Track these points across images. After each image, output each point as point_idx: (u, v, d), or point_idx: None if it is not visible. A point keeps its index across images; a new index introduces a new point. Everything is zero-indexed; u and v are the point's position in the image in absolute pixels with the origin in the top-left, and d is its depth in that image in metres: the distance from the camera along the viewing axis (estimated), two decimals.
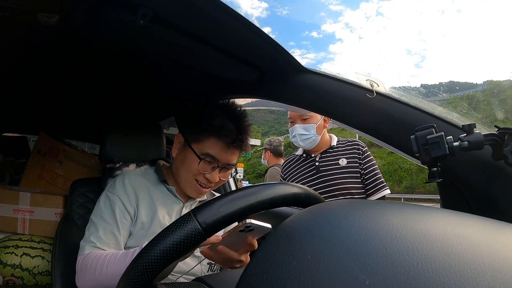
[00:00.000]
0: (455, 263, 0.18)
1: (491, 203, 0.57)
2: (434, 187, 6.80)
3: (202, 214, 0.31)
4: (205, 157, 0.82)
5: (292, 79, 0.76)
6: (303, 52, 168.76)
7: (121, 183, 0.86)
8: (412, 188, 21.31)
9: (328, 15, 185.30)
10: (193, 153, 0.83)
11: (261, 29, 0.60)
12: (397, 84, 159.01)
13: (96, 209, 0.84)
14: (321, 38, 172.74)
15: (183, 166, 0.86)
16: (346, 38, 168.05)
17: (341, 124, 0.76)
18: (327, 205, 0.29)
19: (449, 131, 0.56)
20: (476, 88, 21.21)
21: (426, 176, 0.51)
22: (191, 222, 0.30)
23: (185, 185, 0.87)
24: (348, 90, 0.70)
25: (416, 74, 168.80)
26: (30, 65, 1.00)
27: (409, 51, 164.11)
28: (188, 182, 0.86)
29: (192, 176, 0.84)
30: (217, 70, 0.89)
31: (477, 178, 0.58)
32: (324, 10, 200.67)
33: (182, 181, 0.87)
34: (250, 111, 0.98)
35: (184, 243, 0.30)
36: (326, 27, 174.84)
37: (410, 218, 0.23)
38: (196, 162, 0.83)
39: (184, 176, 0.86)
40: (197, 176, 0.84)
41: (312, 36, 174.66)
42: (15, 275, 1.12)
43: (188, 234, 0.30)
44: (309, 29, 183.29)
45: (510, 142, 0.49)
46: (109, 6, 0.60)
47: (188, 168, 0.84)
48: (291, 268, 0.21)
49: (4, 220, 1.17)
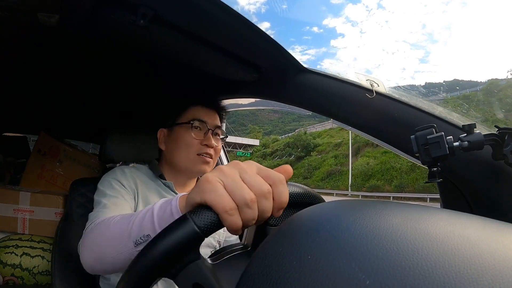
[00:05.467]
0: (455, 263, 0.18)
1: (491, 203, 0.58)
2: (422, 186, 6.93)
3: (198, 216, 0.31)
4: (194, 122, 0.85)
5: (292, 79, 0.76)
6: (303, 48, 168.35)
7: (121, 171, 0.84)
8: (401, 187, 21.46)
9: (328, 9, 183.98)
10: (182, 128, 0.86)
11: (260, 24, 0.60)
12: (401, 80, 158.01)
13: (97, 192, 0.79)
14: (322, 33, 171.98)
15: (179, 147, 0.86)
16: (348, 32, 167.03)
17: (341, 124, 0.76)
18: (328, 205, 0.29)
19: (449, 131, 0.56)
20: (476, 87, 21.22)
21: (416, 175, 0.51)
22: (189, 223, 0.30)
23: (188, 164, 0.86)
24: (348, 90, 0.70)
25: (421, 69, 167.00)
26: (30, 65, 1.00)
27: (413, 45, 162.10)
28: (191, 159, 0.85)
29: (193, 150, 0.85)
30: (217, 70, 0.89)
31: (477, 178, 0.58)
32: (325, 4, 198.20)
33: (184, 161, 0.86)
34: (253, 110, 0.99)
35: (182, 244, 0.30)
36: (327, 22, 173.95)
37: (410, 218, 0.23)
38: (189, 133, 0.85)
39: (184, 155, 0.86)
40: (196, 148, 0.85)
41: (313, 31, 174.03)
42: (15, 274, 1.12)
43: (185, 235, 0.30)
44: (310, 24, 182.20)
45: (510, 142, 0.49)
46: (109, 6, 0.60)
47: (185, 145, 0.85)
48: (292, 268, 0.21)
49: (4, 220, 1.17)
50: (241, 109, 1.39)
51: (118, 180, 0.81)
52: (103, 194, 0.76)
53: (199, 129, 0.86)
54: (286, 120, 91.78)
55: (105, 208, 0.70)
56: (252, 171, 0.34)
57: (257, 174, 0.34)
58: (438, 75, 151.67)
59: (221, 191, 0.32)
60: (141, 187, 0.83)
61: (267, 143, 49.84)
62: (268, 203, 0.33)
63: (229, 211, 0.31)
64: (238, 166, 0.35)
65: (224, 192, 0.32)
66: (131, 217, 0.50)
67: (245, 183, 0.33)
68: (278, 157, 42.58)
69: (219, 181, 0.33)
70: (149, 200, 0.82)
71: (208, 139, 0.86)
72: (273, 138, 53.05)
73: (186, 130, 0.86)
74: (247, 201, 0.32)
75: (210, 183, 0.33)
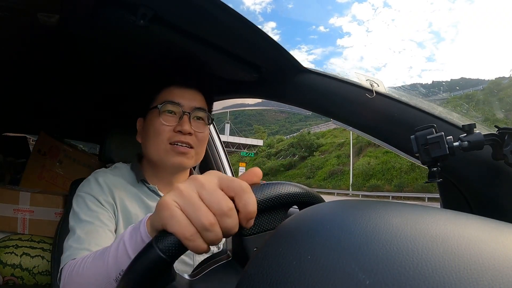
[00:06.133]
0: (455, 263, 0.18)
1: (491, 203, 0.58)
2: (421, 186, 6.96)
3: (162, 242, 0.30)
4: (163, 105, 0.72)
5: (292, 79, 0.76)
6: (310, 48, 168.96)
7: (96, 182, 0.73)
8: (400, 186, 21.48)
9: (334, 8, 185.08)
10: (153, 114, 0.73)
11: (266, 24, 0.60)
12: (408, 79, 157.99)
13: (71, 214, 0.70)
14: (328, 32, 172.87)
15: (149, 136, 0.74)
16: (354, 31, 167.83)
17: (341, 124, 0.76)
18: (327, 205, 0.29)
19: (449, 131, 0.56)
20: (480, 86, 21.11)
21: (416, 175, 0.51)
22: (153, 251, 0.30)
23: (160, 156, 0.72)
24: (348, 90, 0.70)
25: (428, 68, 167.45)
26: (30, 65, 1.00)
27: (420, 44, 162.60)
28: (162, 149, 0.72)
29: (163, 139, 0.71)
30: (217, 70, 0.89)
31: (477, 178, 0.58)
32: (330, 3, 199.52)
33: (156, 153, 0.73)
34: (259, 110, 0.98)
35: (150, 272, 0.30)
36: (333, 21, 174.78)
37: (410, 218, 0.23)
38: (159, 118, 0.71)
39: (154, 146, 0.72)
40: (168, 135, 0.71)
41: (319, 31, 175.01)
42: (15, 274, 1.12)
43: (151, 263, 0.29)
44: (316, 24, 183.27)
45: (510, 142, 0.49)
46: (109, 6, 0.60)
47: (153, 133, 0.72)
48: (292, 268, 0.21)
49: (4, 220, 1.17)
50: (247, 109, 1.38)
51: (93, 196, 0.70)
52: (77, 219, 0.67)
53: (173, 113, 0.73)
54: (292, 120, 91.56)
55: (78, 240, 0.62)
56: (210, 185, 0.32)
57: (217, 187, 0.32)
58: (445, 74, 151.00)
59: (178, 217, 0.30)
60: (119, 197, 0.72)
61: (272, 143, 50.00)
62: (231, 221, 0.31)
63: (189, 237, 0.30)
64: (195, 182, 0.32)
65: (182, 218, 0.30)
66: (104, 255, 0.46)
67: (203, 201, 0.31)
68: (282, 157, 42.71)
69: (176, 205, 0.31)
70: (130, 213, 0.72)
71: (182, 124, 0.71)
72: (278, 138, 53.20)
73: (156, 116, 0.72)
74: (205, 226, 0.30)
75: (167, 209, 0.31)
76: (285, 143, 46.38)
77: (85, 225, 0.65)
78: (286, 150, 43.21)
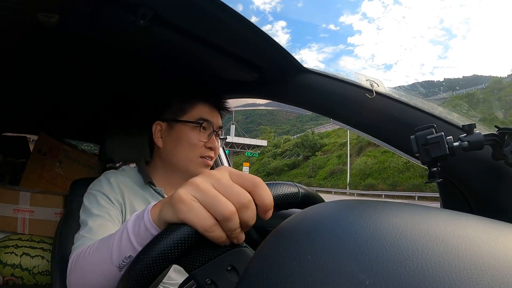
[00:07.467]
0: (455, 263, 0.18)
1: (491, 203, 0.58)
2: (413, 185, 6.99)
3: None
4: (202, 122, 0.80)
5: (292, 79, 0.77)
6: (320, 46, 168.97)
7: (107, 181, 0.79)
8: (394, 185, 21.61)
9: (344, 6, 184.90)
10: (186, 126, 0.80)
11: (276, 23, 0.60)
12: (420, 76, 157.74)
13: (82, 209, 0.75)
14: (339, 30, 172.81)
15: (180, 146, 0.80)
16: (365, 29, 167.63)
17: (341, 124, 0.77)
18: (327, 205, 0.29)
19: (449, 131, 0.56)
20: (482, 84, 21.10)
21: (410, 174, 0.51)
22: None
23: (189, 165, 0.81)
24: (348, 90, 0.70)
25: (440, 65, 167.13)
26: (30, 65, 1.00)
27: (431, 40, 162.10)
28: (193, 161, 0.80)
29: (197, 152, 0.80)
30: (217, 70, 0.89)
31: (477, 178, 0.58)
32: (340, 2, 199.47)
33: (185, 163, 0.81)
34: (271, 110, 0.98)
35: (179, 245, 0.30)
36: (344, 19, 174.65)
37: (410, 218, 0.23)
38: (194, 133, 0.80)
39: (186, 156, 0.80)
40: (201, 150, 0.80)
41: (330, 29, 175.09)
42: (15, 274, 1.12)
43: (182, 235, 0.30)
44: (326, 22, 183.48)
45: (510, 142, 0.49)
46: (109, 6, 0.60)
47: (188, 144, 0.80)
48: (291, 268, 0.21)
49: (4, 220, 1.17)
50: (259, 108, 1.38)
51: (104, 193, 0.76)
52: (89, 213, 0.72)
53: (204, 130, 0.81)
54: (304, 119, 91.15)
55: (90, 231, 0.67)
56: (226, 179, 0.33)
57: (232, 181, 0.33)
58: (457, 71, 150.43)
59: (197, 209, 0.31)
60: (128, 198, 0.78)
61: (279, 143, 50.28)
62: (250, 212, 0.32)
63: (208, 229, 0.31)
64: (211, 177, 0.33)
65: (201, 210, 0.31)
66: (108, 242, 0.47)
67: (221, 194, 0.32)
68: (287, 157, 42.95)
69: (193, 199, 0.31)
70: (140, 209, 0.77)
71: (213, 141, 0.81)
72: (285, 138, 53.54)
73: (192, 130, 0.80)
74: (226, 216, 0.30)
75: (184, 203, 0.31)
76: (291, 143, 46.63)
77: (96, 218, 0.70)
78: (291, 150, 43.45)
